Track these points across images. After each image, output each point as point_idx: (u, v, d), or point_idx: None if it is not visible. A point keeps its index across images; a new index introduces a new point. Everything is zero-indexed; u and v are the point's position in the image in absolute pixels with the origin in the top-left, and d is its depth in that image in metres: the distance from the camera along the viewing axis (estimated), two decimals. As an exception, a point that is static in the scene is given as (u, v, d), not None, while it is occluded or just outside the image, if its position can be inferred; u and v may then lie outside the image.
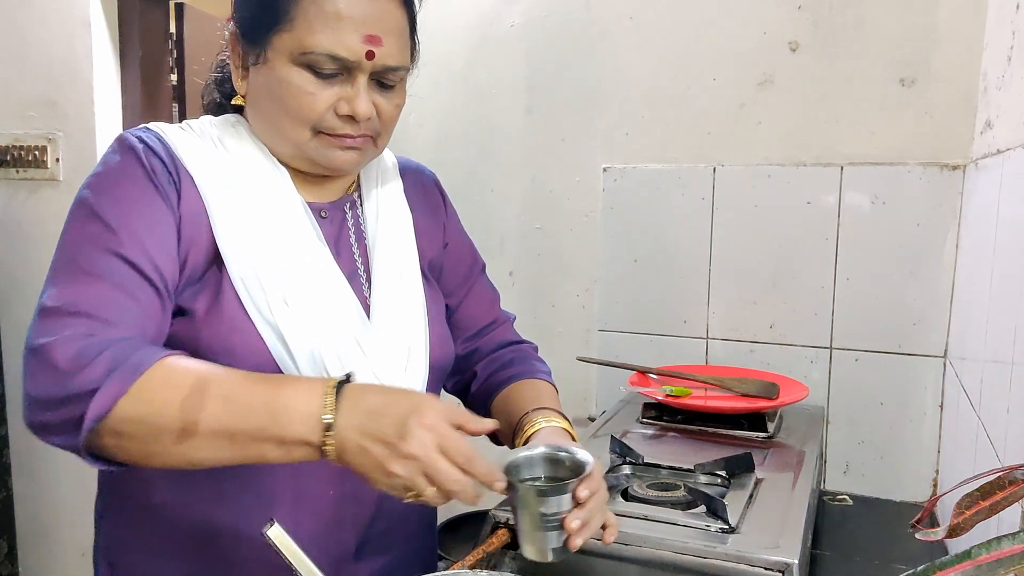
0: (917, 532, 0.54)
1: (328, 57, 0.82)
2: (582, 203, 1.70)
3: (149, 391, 0.70)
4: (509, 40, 1.73)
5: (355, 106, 0.84)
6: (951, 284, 1.43)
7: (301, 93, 0.84)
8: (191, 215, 0.84)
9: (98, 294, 0.76)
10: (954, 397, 1.34)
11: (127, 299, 0.77)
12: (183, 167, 0.85)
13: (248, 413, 0.70)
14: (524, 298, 1.77)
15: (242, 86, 0.90)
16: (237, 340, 0.81)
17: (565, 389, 1.74)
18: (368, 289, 0.93)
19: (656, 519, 0.95)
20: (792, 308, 1.55)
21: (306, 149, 0.87)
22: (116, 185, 0.81)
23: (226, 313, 0.82)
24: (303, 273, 0.85)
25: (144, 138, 0.85)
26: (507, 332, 1.13)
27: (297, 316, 0.83)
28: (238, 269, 0.83)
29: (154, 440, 0.71)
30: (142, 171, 0.82)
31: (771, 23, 1.52)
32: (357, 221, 0.96)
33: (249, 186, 0.87)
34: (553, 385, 1.06)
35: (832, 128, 1.49)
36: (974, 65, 1.38)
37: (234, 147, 0.89)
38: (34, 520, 2.14)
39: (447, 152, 1.82)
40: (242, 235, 0.84)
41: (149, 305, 0.79)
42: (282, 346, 0.82)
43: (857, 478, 1.52)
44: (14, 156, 2.01)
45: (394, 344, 0.90)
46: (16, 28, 1.98)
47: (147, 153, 0.83)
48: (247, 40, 0.87)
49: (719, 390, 1.43)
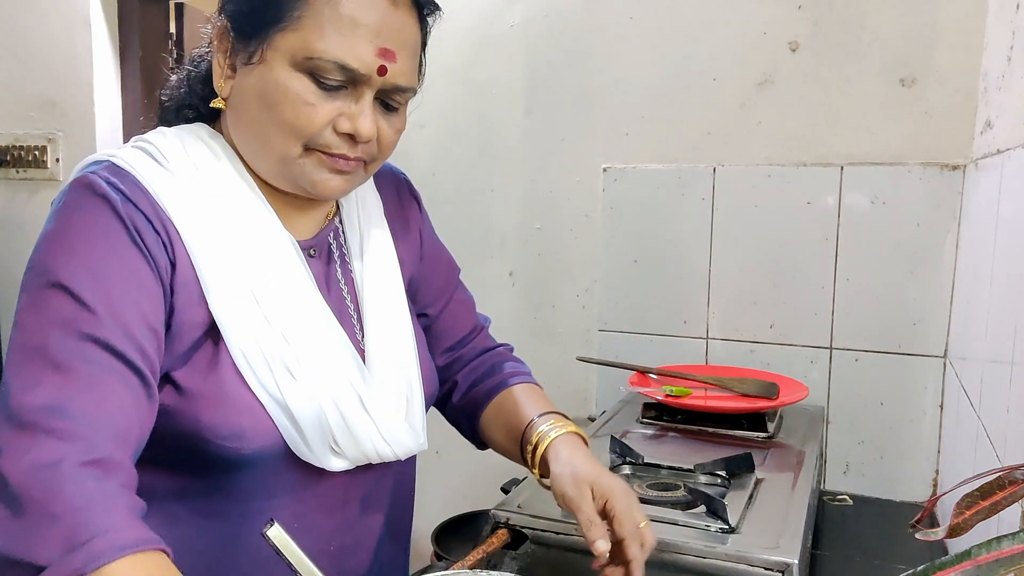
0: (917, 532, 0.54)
1: (336, 66, 0.73)
2: (582, 203, 1.70)
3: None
4: (509, 40, 1.73)
5: (358, 124, 0.76)
6: (951, 284, 1.43)
7: (299, 102, 0.74)
8: (184, 284, 0.74)
9: (70, 397, 0.64)
10: (954, 397, 1.34)
11: (105, 399, 0.65)
12: (170, 222, 0.74)
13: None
14: (524, 298, 1.77)
15: (225, 87, 0.79)
16: (247, 423, 0.74)
17: (565, 389, 1.75)
18: (360, 331, 0.87)
19: (656, 519, 0.95)
20: (792, 308, 1.55)
21: (292, 167, 0.78)
22: (88, 246, 0.69)
23: (230, 395, 0.74)
24: (302, 331, 0.78)
25: (119, 185, 0.72)
26: (484, 339, 1.08)
27: (302, 387, 0.77)
28: (238, 342, 0.74)
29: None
30: (120, 227, 0.70)
31: (771, 23, 1.52)
32: (342, 253, 0.90)
33: (236, 230, 0.77)
34: (539, 385, 1.04)
35: (832, 128, 1.49)
36: (974, 65, 1.38)
37: (211, 171, 0.78)
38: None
39: (447, 152, 1.82)
40: (238, 301, 0.75)
41: (132, 400, 0.68)
42: (290, 423, 0.76)
43: (857, 478, 1.52)
44: (14, 156, 2.02)
45: (394, 395, 0.86)
46: (16, 28, 1.98)
47: (125, 206, 0.71)
48: (240, 36, 0.77)
49: (719, 390, 1.43)
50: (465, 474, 1.79)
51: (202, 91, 0.84)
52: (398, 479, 0.93)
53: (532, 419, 0.93)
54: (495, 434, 1.00)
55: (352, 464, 0.82)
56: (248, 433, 0.75)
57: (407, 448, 0.86)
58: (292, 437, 0.77)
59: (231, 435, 0.74)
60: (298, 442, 0.77)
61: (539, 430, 0.91)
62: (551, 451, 0.88)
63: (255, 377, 0.75)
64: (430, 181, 1.80)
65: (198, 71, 0.86)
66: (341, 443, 0.80)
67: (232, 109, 0.80)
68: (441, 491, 1.79)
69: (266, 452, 0.77)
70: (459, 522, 1.59)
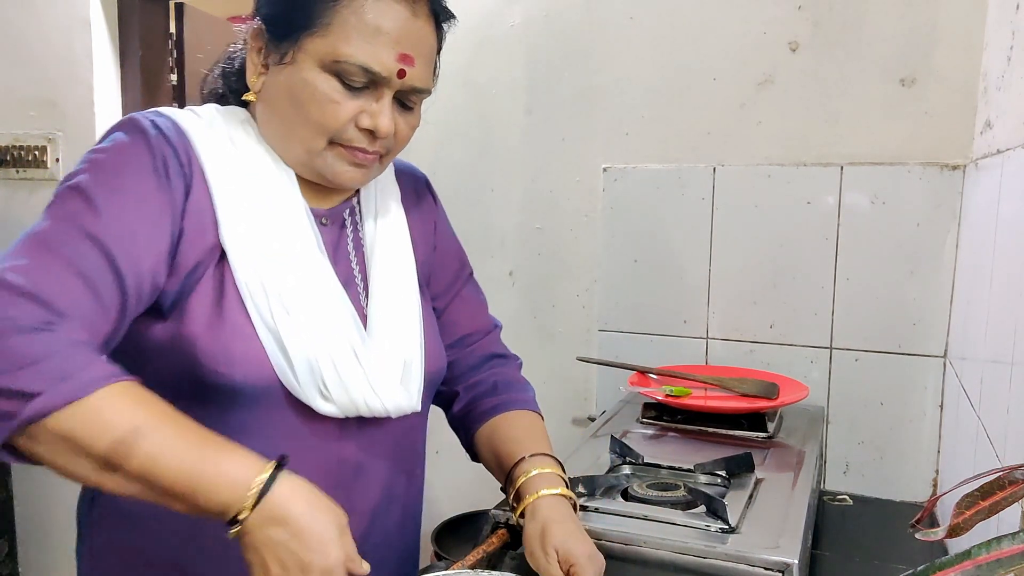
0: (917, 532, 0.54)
1: (360, 69, 0.81)
2: (582, 203, 1.70)
3: (88, 414, 0.66)
4: (509, 40, 1.73)
5: (378, 121, 0.83)
6: (951, 284, 1.43)
7: (326, 100, 0.82)
8: (197, 210, 0.81)
9: (60, 280, 0.70)
10: (954, 397, 1.34)
11: (88, 293, 0.72)
12: (196, 158, 0.82)
13: (171, 476, 0.67)
14: (524, 298, 1.77)
15: (257, 83, 0.87)
16: (238, 349, 0.79)
17: (565, 389, 1.75)
18: (365, 299, 0.91)
19: (656, 519, 0.95)
20: (792, 308, 1.55)
21: (316, 159, 0.85)
22: (116, 168, 0.77)
23: (227, 319, 0.79)
24: (303, 281, 0.83)
25: (158, 123, 0.81)
26: (491, 344, 1.09)
27: (297, 324, 0.81)
28: (243, 272, 0.80)
29: (73, 461, 0.67)
30: (148, 158, 0.78)
31: (771, 23, 1.52)
32: (356, 229, 0.94)
33: (255, 186, 0.84)
34: (539, 413, 1.04)
35: (832, 128, 1.49)
36: (974, 65, 1.38)
37: (242, 144, 0.86)
38: (34, 520, 2.14)
39: (447, 152, 1.82)
40: (248, 237, 0.82)
41: (110, 304, 0.73)
42: (282, 355, 0.80)
43: (857, 478, 1.52)
44: (14, 156, 2.02)
45: (391, 356, 0.88)
46: (16, 28, 1.98)
47: (159, 140, 0.80)
48: (273, 38, 0.84)
49: (719, 390, 1.43)
50: (465, 474, 1.79)
51: (234, 84, 0.92)
52: (400, 452, 0.94)
53: (523, 458, 0.94)
54: (485, 456, 1.02)
55: (342, 413, 0.84)
56: (239, 359, 0.79)
57: (398, 405, 0.88)
58: (282, 368, 0.80)
59: (223, 360, 0.78)
60: (287, 374, 0.80)
61: (528, 475, 0.91)
62: (530, 508, 0.89)
63: (254, 304, 0.80)
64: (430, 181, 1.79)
65: (231, 66, 0.94)
66: (331, 387, 0.82)
67: (263, 103, 0.87)
68: (441, 491, 1.79)
69: (259, 387, 0.80)
70: (459, 522, 1.59)
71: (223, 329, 0.79)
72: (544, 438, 0.99)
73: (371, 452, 0.90)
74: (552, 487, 0.90)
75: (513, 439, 0.97)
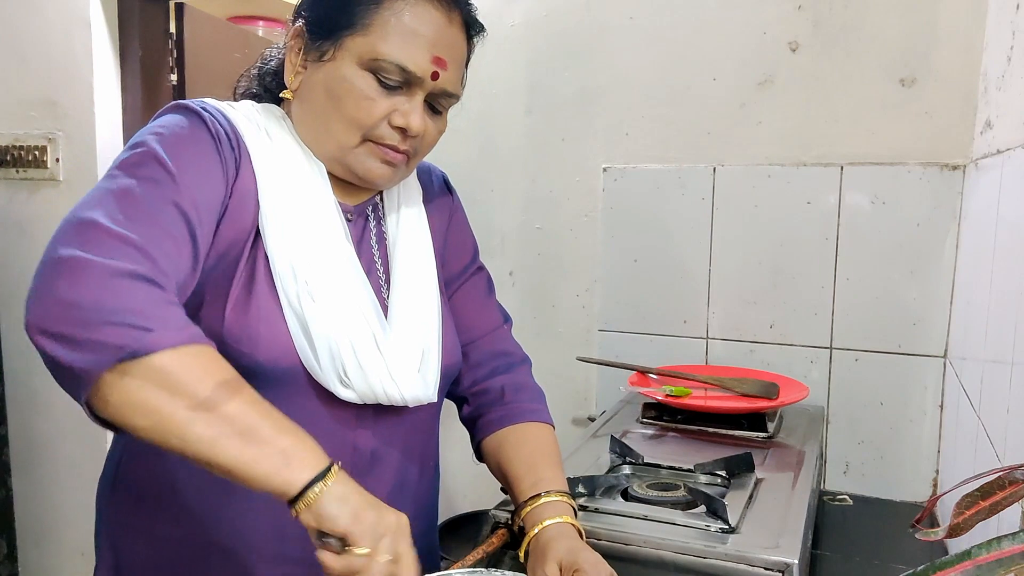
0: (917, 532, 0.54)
1: (397, 67, 0.85)
2: (582, 203, 1.70)
3: (197, 358, 0.69)
4: (509, 40, 1.73)
5: (410, 120, 0.87)
6: (951, 284, 1.43)
7: (362, 96, 0.85)
8: (242, 192, 0.84)
9: (158, 238, 0.72)
10: (954, 397, 1.34)
11: (178, 255, 0.74)
12: (243, 141, 0.86)
13: (273, 417, 0.70)
14: (524, 298, 1.77)
15: (294, 81, 0.90)
16: (263, 329, 0.81)
17: (565, 389, 1.75)
18: (387, 290, 0.94)
19: (656, 519, 0.95)
20: (792, 308, 1.55)
21: (348, 154, 0.88)
22: (181, 141, 0.80)
23: (256, 301, 0.82)
24: (330, 270, 0.86)
25: (208, 108, 0.85)
26: (497, 340, 1.08)
27: (321, 310, 0.83)
28: (276, 256, 0.83)
29: (169, 399, 0.66)
30: (208, 135, 0.82)
31: (771, 23, 1.52)
32: (379, 225, 0.97)
33: (291, 177, 0.87)
34: (550, 423, 1.03)
35: (832, 128, 1.50)
36: (974, 65, 1.38)
37: (277, 137, 0.89)
38: (34, 520, 2.14)
39: (447, 152, 1.80)
40: (283, 224, 0.85)
41: (188, 268, 0.77)
42: (305, 339, 0.82)
43: (857, 478, 1.52)
44: (14, 156, 2.01)
45: (410, 346, 0.90)
46: (16, 28, 1.98)
47: (213, 122, 0.83)
48: (314, 38, 0.88)
49: (719, 390, 1.43)
50: (465, 474, 1.79)
51: (270, 83, 0.96)
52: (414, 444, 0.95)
53: (529, 490, 0.92)
54: (492, 467, 1.01)
55: (360, 399, 0.86)
56: (263, 340, 0.81)
57: (415, 395, 0.89)
58: (304, 352, 0.82)
59: (247, 340, 0.80)
60: (310, 358, 0.83)
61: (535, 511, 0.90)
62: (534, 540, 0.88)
63: (282, 288, 0.83)
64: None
65: (267, 67, 0.98)
66: (351, 373, 0.84)
67: (300, 100, 0.91)
68: (442, 491, 1.79)
69: (280, 369, 0.82)
70: (459, 522, 1.59)
71: (250, 310, 0.82)
72: (553, 461, 0.97)
73: (386, 441, 0.91)
74: (555, 517, 0.89)
75: (521, 461, 0.96)
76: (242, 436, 0.68)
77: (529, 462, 0.95)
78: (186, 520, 0.87)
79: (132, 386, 0.66)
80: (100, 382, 0.66)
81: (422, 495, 1.00)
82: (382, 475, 0.92)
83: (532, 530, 0.88)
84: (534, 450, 0.97)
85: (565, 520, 0.88)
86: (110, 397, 0.67)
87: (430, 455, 1.01)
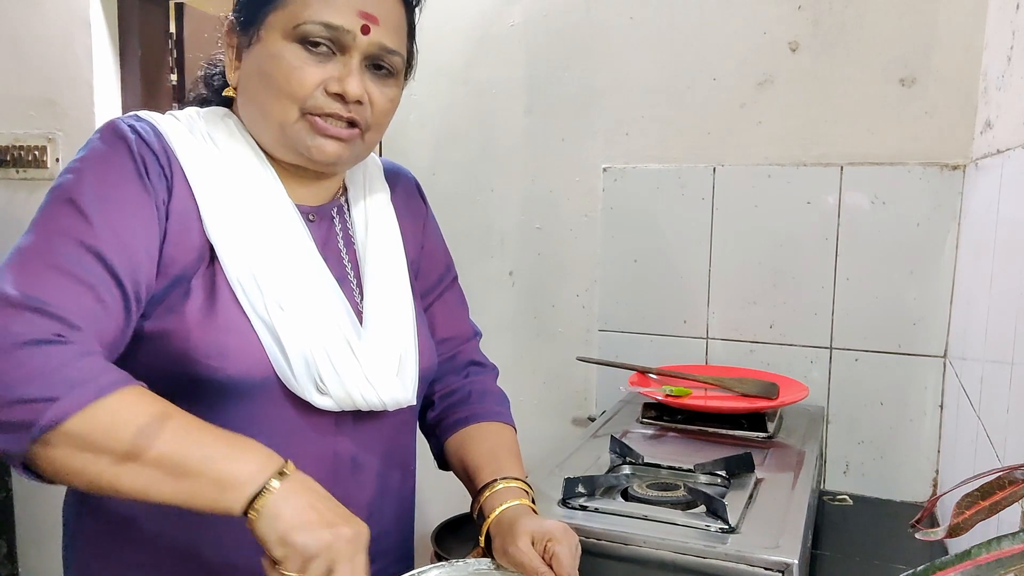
0: (917, 532, 0.54)
1: (322, 25, 0.81)
2: (582, 203, 1.70)
3: (107, 414, 0.67)
4: (509, 40, 1.73)
5: (346, 85, 0.82)
6: (951, 284, 1.43)
7: (291, 68, 0.82)
8: (180, 211, 0.81)
9: (65, 292, 0.71)
10: (954, 397, 1.34)
11: (94, 301, 0.73)
12: (176, 160, 0.82)
13: (201, 444, 0.69)
14: (524, 298, 1.77)
15: (234, 77, 0.89)
16: (232, 341, 0.79)
17: (565, 389, 1.75)
18: (359, 295, 0.92)
19: (656, 519, 0.95)
20: (792, 308, 1.55)
21: (290, 132, 0.84)
22: (100, 175, 0.78)
23: (220, 314, 0.80)
24: (295, 276, 0.84)
25: (137, 127, 0.82)
26: (470, 351, 1.09)
27: (292, 319, 0.81)
28: (234, 269, 0.81)
29: (91, 460, 0.67)
30: (131, 163, 0.79)
31: (771, 23, 1.52)
32: (345, 226, 0.95)
33: (239, 184, 0.85)
34: (512, 426, 1.03)
35: (832, 128, 1.49)
36: (974, 65, 1.38)
37: (223, 142, 0.87)
38: (34, 520, 2.14)
39: (447, 152, 1.82)
40: (235, 234, 0.82)
41: (115, 310, 0.74)
42: (277, 348, 0.80)
43: (857, 478, 1.52)
44: (14, 156, 2.01)
45: (386, 350, 0.88)
46: (16, 28, 1.98)
47: (139, 144, 0.80)
48: (242, 24, 0.87)
49: (719, 390, 1.43)
50: (465, 474, 1.79)
51: (216, 84, 0.95)
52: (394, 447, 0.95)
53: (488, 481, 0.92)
54: (455, 465, 1.01)
55: (338, 406, 0.84)
56: (232, 351, 0.79)
57: (394, 398, 0.88)
58: (278, 361, 0.80)
59: (216, 353, 0.78)
60: (284, 368, 0.81)
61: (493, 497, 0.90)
62: (495, 522, 0.88)
63: (247, 299, 0.80)
64: (430, 181, 1.79)
65: (212, 70, 0.96)
66: (327, 381, 0.82)
67: (240, 92, 0.89)
68: (441, 491, 1.79)
69: (253, 381, 0.80)
70: (459, 522, 1.59)
71: (216, 324, 0.79)
72: (513, 455, 0.97)
73: (366, 447, 0.91)
74: (514, 500, 0.89)
75: (482, 454, 0.96)
76: (173, 475, 0.68)
77: (490, 455, 0.96)
78: (159, 547, 0.84)
79: (57, 455, 0.67)
80: (29, 455, 0.67)
81: (405, 498, 1.00)
82: (364, 481, 0.91)
83: (492, 513, 0.88)
84: (495, 445, 0.98)
85: (524, 503, 0.88)
86: (43, 466, 0.68)
87: (410, 459, 1.01)
